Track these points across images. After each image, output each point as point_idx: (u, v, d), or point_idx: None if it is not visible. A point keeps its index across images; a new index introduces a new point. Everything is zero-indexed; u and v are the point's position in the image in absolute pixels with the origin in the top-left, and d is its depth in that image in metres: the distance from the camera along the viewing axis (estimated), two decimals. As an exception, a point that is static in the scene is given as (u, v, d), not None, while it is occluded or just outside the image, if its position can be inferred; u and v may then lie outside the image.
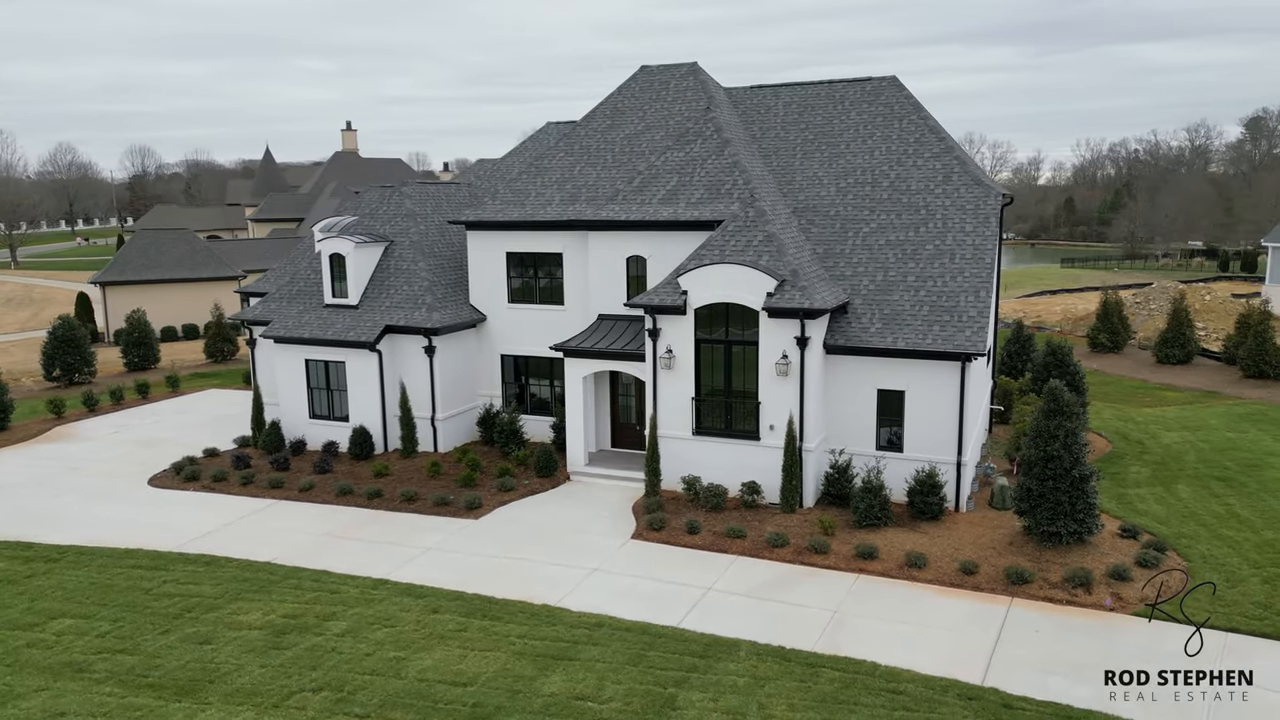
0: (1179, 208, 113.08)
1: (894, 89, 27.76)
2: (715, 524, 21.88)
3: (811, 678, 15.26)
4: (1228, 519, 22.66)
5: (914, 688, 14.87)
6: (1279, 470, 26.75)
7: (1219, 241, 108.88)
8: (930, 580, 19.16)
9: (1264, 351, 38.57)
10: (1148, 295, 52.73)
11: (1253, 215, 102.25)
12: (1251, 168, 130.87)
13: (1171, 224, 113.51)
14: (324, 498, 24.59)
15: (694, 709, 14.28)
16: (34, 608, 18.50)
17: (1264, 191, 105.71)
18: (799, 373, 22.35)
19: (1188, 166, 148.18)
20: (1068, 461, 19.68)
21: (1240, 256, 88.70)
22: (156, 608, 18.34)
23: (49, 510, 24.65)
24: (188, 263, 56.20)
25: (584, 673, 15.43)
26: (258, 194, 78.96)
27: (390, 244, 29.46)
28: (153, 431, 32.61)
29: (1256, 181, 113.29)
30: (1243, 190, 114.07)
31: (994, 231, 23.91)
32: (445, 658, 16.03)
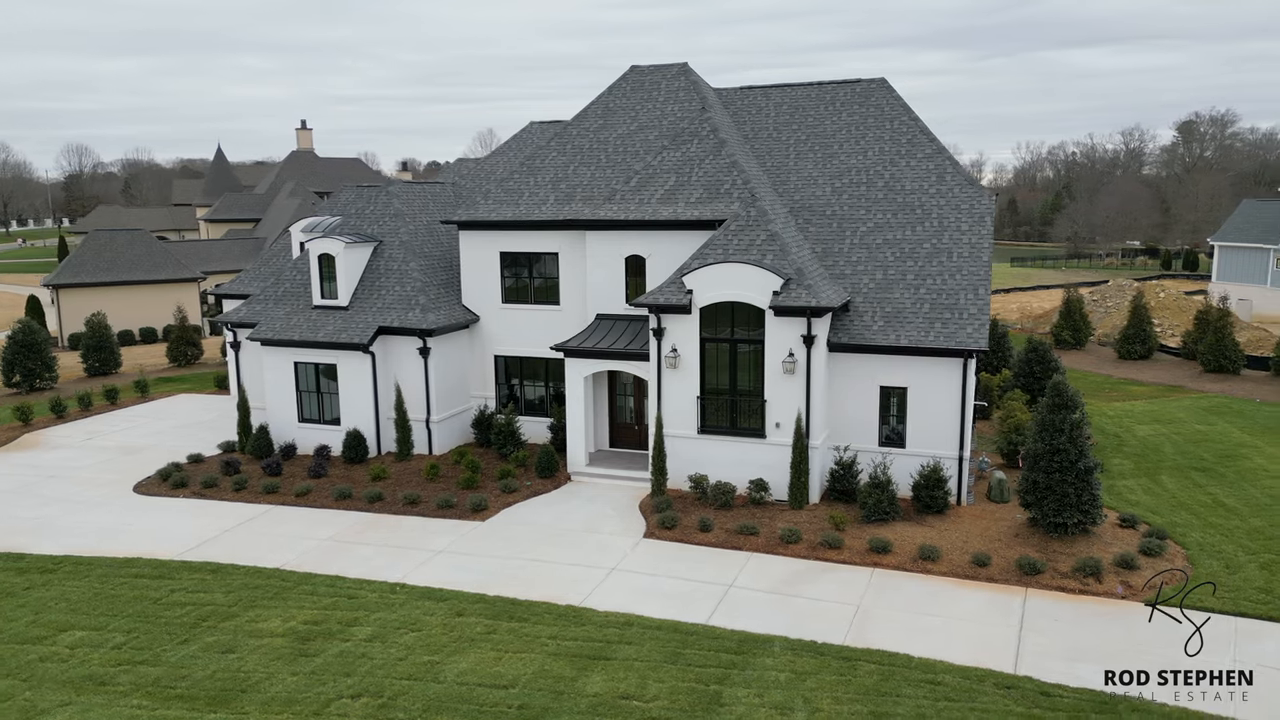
0: (1118, 208, 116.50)
1: (883, 91, 28.20)
2: (726, 521, 22.01)
3: (849, 671, 15.45)
4: (1214, 508, 23.45)
5: (950, 678, 15.15)
6: (1253, 460, 27.79)
7: (1157, 241, 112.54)
8: (944, 573, 19.52)
9: (1223, 347, 39.95)
10: (1104, 293, 54.26)
11: (1190, 216, 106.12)
12: (1185, 169, 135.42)
13: (1111, 224, 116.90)
14: (323, 502, 24.17)
15: (741, 705, 14.37)
16: (39, 620, 17.90)
17: (1199, 193, 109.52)
18: (805, 371, 22.60)
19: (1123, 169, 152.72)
20: (1073, 454, 20.20)
21: (1181, 255, 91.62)
22: (169, 617, 17.88)
23: (34, 520, 23.85)
24: (144, 264, 54.73)
25: (624, 672, 15.43)
26: (210, 194, 77.14)
27: (379, 244, 29.07)
28: (129, 438, 31.72)
29: (1190, 183, 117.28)
30: (1177, 191, 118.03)
31: (989, 230, 24.44)
32: (480, 660, 15.90)
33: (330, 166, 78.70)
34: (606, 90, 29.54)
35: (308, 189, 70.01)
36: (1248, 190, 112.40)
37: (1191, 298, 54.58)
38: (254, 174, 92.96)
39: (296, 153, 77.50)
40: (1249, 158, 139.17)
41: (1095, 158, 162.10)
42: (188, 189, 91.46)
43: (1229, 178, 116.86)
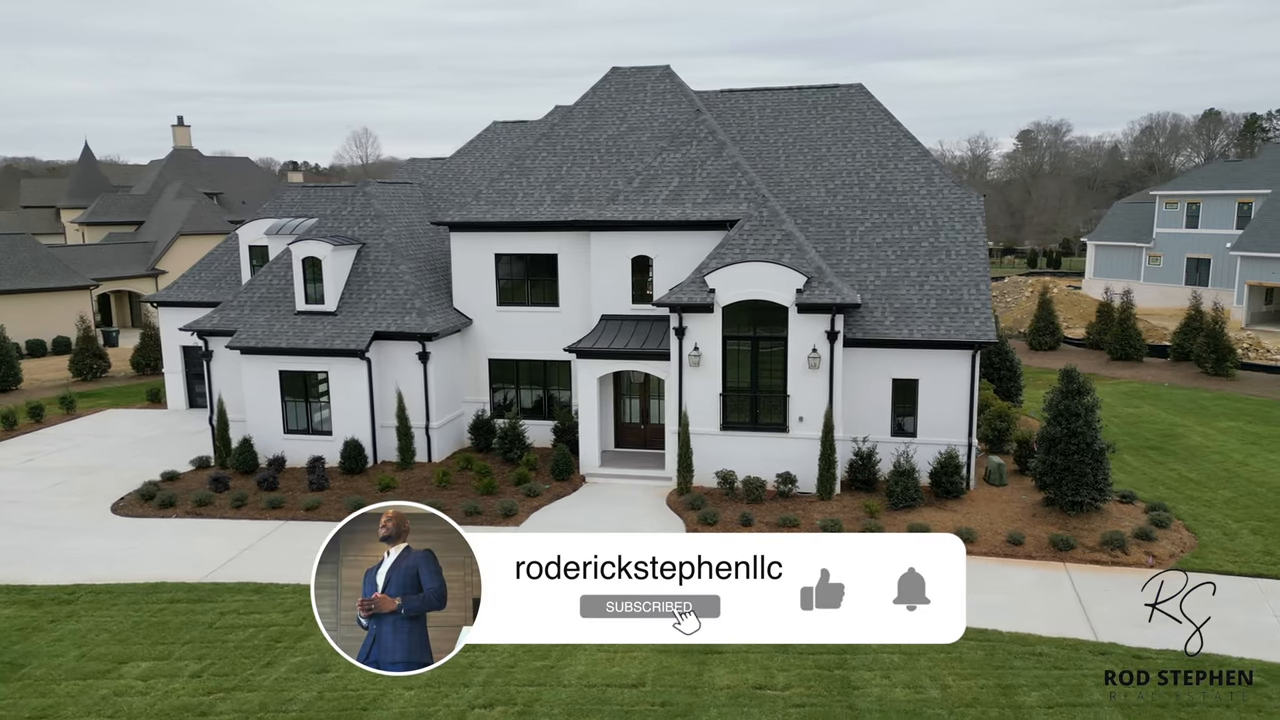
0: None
1: (862, 96, 29.38)
2: (763, 515, 22.48)
3: (952, 649, 16.10)
4: (1184, 483, 25.65)
5: (1048, 649, 16.13)
6: (1192, 439, 30.47)
7: (1012, 242, 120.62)
8: (984, 553, 20.61)
9: (1128, 337, 43.49)
10: (1003, 289, 57.94)
11: (1040, 218, 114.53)
12: (1030, 175, 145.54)
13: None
14: (336, 515, 23.04)
15: (874, 687, 14.87)
16: (89, 653, 16.53)
17: (1047, 196, 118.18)
18: (829, 365, 23.35)
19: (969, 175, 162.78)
20: (1089, 437, 21.73)
21: (1048, 255, 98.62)
22: (236, 640, 16.88)
23: (13, 549, 21.89)
24: (30, 271, 50.49)
25: (742, 664, 15.63)
26: (76, 195, 71.69)
27: (363, 246, 28.08)
28: (75, 458, 29.39)
29: (1038, 188, 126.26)
30: (1025, 196, 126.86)
31: (982, 230, 25.90)
32: (592, 661, 15.78)
33: (217, 166, 74.53)
34: (590, 91, 29.54)
35: (197, 190, 66.20)
36: (1086, 195, 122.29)
37: (1078, 293, 58.99)
38: (122, 174, 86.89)
39: (179, 151, 73.05)
40: (1080, 164, 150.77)
41: (946, 163, 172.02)
42: (44, 190, 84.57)
43: (1071, 182, 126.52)
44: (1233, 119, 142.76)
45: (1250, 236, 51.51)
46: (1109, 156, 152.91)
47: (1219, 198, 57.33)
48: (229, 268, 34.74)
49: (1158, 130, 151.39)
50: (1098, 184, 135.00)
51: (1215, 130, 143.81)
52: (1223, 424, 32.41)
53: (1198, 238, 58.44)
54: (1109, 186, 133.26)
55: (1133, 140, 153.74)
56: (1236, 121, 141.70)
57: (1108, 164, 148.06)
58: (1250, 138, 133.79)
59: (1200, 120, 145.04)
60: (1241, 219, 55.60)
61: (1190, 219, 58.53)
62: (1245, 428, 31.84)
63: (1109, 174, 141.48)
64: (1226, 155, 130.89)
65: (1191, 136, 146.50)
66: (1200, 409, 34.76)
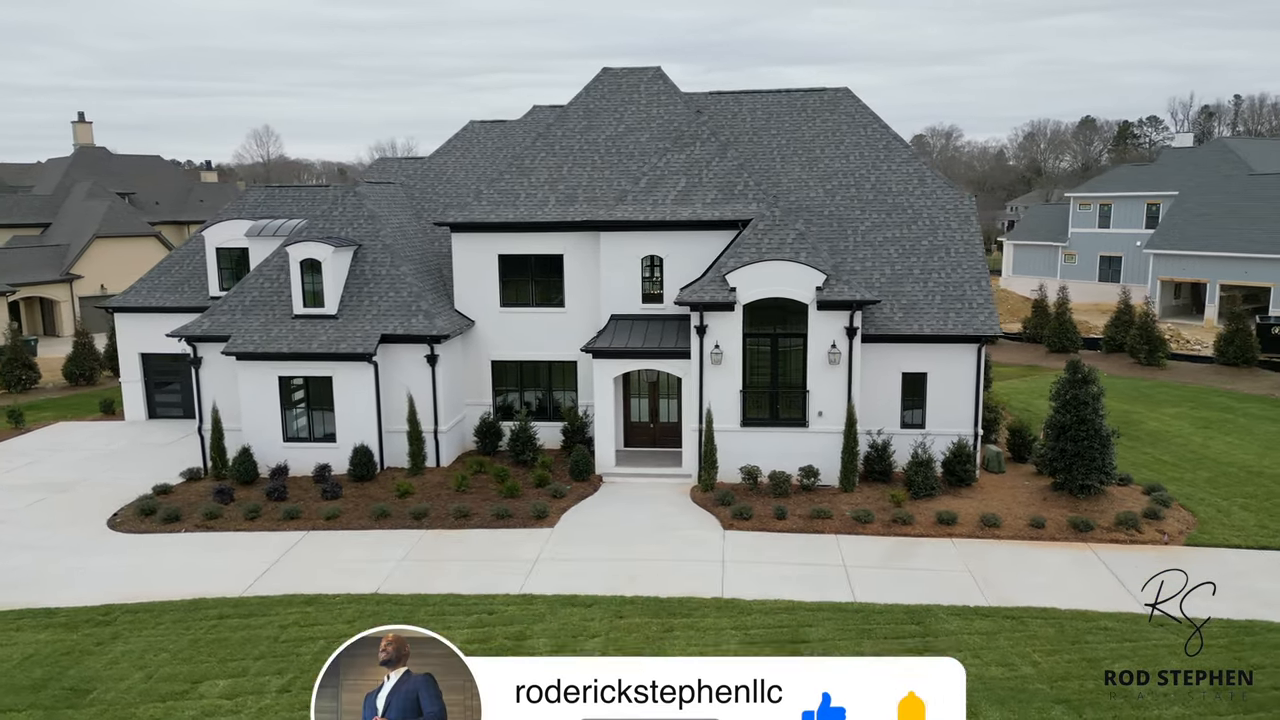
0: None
1: (850, 99, 30.25)
2: (793, 508, 22.94)
3: (1020, 628, 16.95)
4: (1162, 465, 27.34)
5: (1112, 623, 17.07)
6: (1149, 424, 32.42)
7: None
8: (1010, 536, 21.61)
9: (1065, 330, 46.03)
10: (933, 287, 60.40)
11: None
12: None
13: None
14: (360, 523, 22.56)
15: (970, 666, 15.42)
16: (155, 674, 15.72)
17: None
18: (848, 360, 24.02)
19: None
20: (1097, 423, 23.00)
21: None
22: (310, 652, 16.29)
23: (15, 570, 20.55)
24: (-63, 277, 47.06)
25: (834, 652, 16.01)
26: (-33, 196, 66.94)
27: (359, 247, 27.34)
28: (41, 474, 27.65)
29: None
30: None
31: (977, 229, 27.04)
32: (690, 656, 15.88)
33: (127, 165, 70.61)
34: (583, 91, 29.51)
35: (108, 190, 62.79)
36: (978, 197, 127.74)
37: (1002, 290, 61.89)
38: (12, 173, 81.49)
39: (85, 149, 69.01)
40: (969, 167, 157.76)
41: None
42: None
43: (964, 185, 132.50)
44: (1107, 125, 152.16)
45: (1161, 235, 55.04)
46: (995, 161, 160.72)
47: (1129, 199, 61.08)
48: (192, 271, 33.23)
49: (1039, 136, 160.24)
50: (986, 186, 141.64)
51: (1091, 136, 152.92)
52: (1169, 410, 34.57)
53: (1110, 237, 62.12)
54: (997, 190, 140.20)
55: (1017, 145, 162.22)
56: (1110, 128, 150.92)
57: (994, 168, 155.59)
58: (1123, 143, 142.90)
59: (1078, 127, 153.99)
60: (1150, 219, 59.40)
61: (1103, 219, 62.15)
62: (1191, 413, 34.05)
63: (996, 177, 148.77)
64: (1099, 160, 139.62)
65: (1071, 142, 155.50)
66: (1145, 396, 36.99)
